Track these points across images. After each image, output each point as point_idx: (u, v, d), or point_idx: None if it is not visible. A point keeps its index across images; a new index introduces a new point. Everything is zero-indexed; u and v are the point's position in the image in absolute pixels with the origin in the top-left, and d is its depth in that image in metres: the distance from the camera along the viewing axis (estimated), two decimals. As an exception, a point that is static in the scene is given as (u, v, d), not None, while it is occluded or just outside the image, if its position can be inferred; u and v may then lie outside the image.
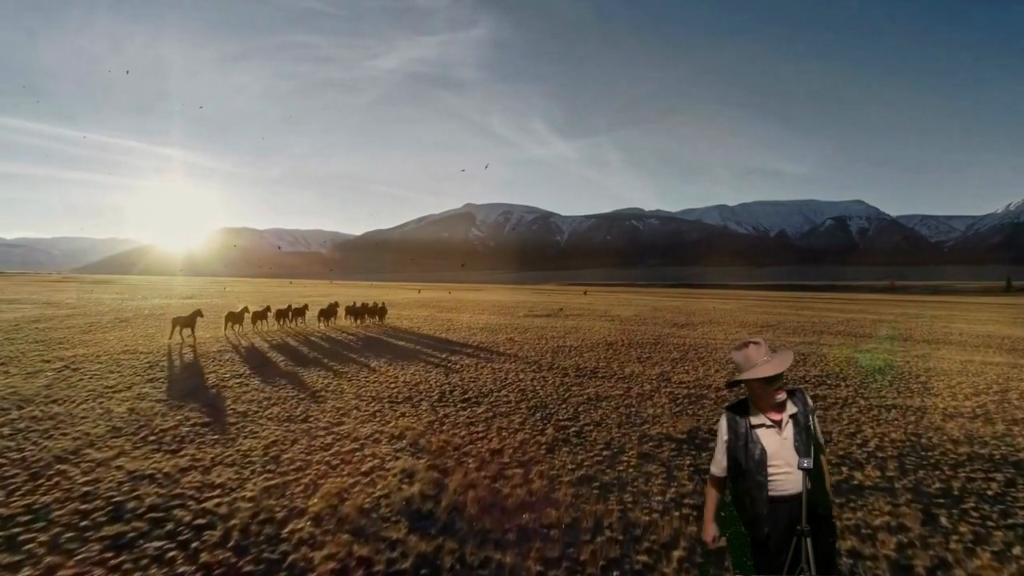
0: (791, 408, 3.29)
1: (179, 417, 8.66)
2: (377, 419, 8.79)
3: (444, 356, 15.69)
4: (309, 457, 6.93)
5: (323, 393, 10.59)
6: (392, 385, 11.48)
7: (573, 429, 8.42)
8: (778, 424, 3.25)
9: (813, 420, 3.27)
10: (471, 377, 12.51)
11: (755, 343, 3.37)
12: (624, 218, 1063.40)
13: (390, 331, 22.62)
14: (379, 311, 26.37)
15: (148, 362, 13.62)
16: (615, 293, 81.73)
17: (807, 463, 3.08)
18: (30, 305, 31.44)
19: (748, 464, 3.25)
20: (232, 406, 9.45)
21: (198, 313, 19.09)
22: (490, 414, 9.26)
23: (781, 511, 3.17)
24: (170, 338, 17.62)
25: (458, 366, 14.04)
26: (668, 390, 11.56)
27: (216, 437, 7.67)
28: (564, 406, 9.92)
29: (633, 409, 9.81)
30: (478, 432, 8.15)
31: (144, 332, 19.66)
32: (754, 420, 3.30)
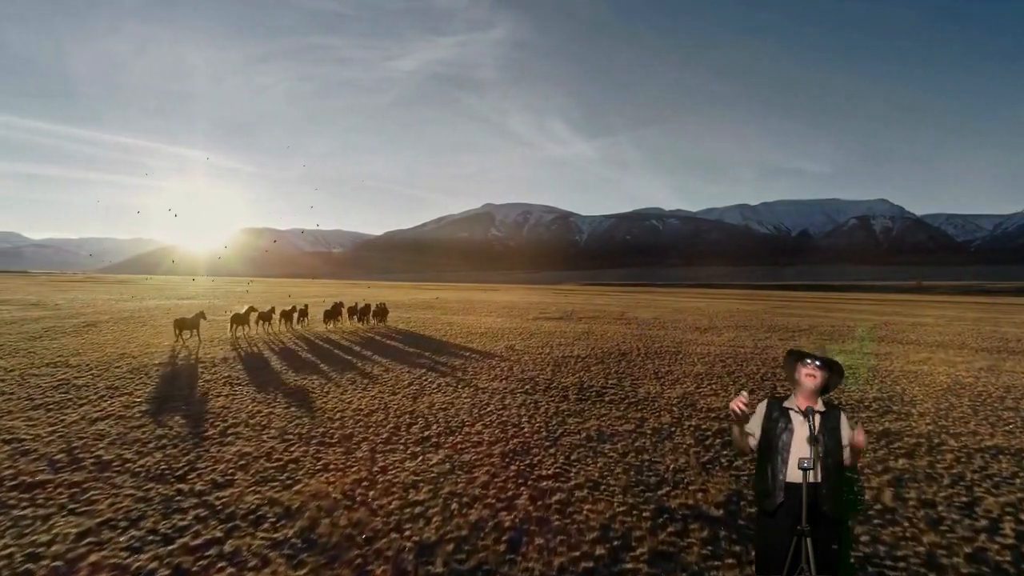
0: (821, 407, 3.43)
1: (11, 471, 6.22)
2: (283, 476, 6.26)
3: (425, 370, 13.20)
4: (129, 559, 4.42)
5: (238, 428, 8.08)
6: (338, 414, 8.98)
7: (557, 497, 5.81)
8: (805, 414, 3.32)
9: (843, 423, 3.39)
10: (443, 403, 9.95)
11: (821, 345, 2.71)
12: (644, 218, 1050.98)
13: (386, 334, 20.74)
14: (380, 312, 24.96)
15: (61, 380, 11.26)
16: (634, 294, 78.52)
17: (807, 463, 3.13)
18: (13, 307, 29.56)
19: (776, 442, 3.36)
20: (101, 450, 6.99)
21: (201, 315, 18.41)
22: (446, 467, 6.67)
23: (794, 494, 3.22)
24: (176, 341, 17.03)
25: (434, 385, 11.51)
26: (693, 423, 8.92)
27: (23, 513, 5.20)
28: (552, 452, 7.32)
29: (646, 457, 7.18)
30: (415, 504, 5.57)
31: (99, 339, 17.41)
32: (787, 404, 3.47)
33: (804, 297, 75.64)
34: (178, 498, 5.59)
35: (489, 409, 9.54)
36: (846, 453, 3.36)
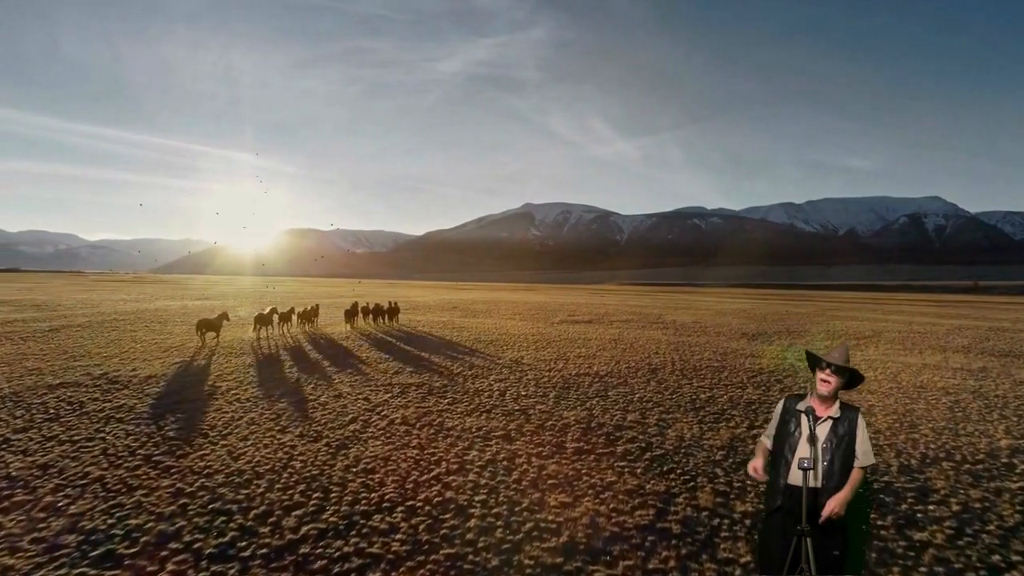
0: (835, 412, 3.36)
1: None
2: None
3: (389, 395, 10.10)
4: None
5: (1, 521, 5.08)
6: (198, 482, 5.88)
7: None
8: (816, 417, 3.32)
9: (859, 428, 3.32)
10: (376, 458, 6.73)
11: (844, 344, 3.63)
12: (686, 216, 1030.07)
13: (388, 337, 19.17)
14: (391, 312, 24.72)
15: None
16: (674, 294, 74.37)
17: (807, 463, 3.09)
18: (9, 308, 27.61)
19: (784, 440, 3.39)
20: None
21: (224, 316, 18.34)
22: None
23: (793, 495, 3.20)
24: (203, 343, 16.40)
25: (384, 422, 8.35)
26: (748, 506, 5.53)
27: None
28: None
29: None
30: None
31: (36, 348, 14.93)
32: (800, 406, 3.42)
33: (856, 298, 70.37)
34: None
35: (436, 472, 6.32)
36: (858, 462, 3.30)
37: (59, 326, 20.14)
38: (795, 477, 3.23)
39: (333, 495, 5.64)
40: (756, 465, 3.47)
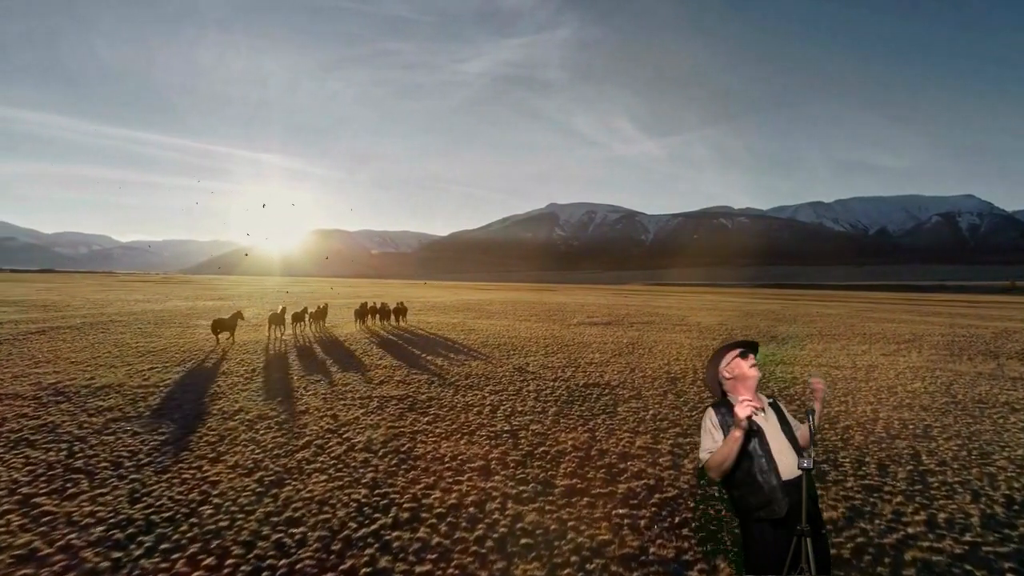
0: (765, 400, 3.23)
1: None
2: None
3: (364, 410, 8.76)
4: None
5: None
6: (74, 543, 4.53)
7: None
8: (761, 410, 3.08)
9: (784, 408, 3.23)
10: (308, 502, 5.30)
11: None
12: (712, 216, 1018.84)
13: (397, 337, 19.09)
14: (397, 312, 25.12)
15: None
16: (699, 294, 72.29)
17: (807, 463, 2.88)
18: (14, 309, 26.97)
19: (752, 446, 3.03)
20: None
21: (239, 315, 18.20)
22: None
23: (791, 493, 2.96)
24: (217, 343, 16.37)
25: (348, 444, 6.94)
26: None
27: None
28: None
29: None
30: None
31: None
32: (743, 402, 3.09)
33: (888, 299, 67.74)
34: None
35: (379, 524, 4.85)
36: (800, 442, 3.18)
37: (49, 328, 19.23)
38: (787, 471, 2.98)
39: (229, 562, 4.25)
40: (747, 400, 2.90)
